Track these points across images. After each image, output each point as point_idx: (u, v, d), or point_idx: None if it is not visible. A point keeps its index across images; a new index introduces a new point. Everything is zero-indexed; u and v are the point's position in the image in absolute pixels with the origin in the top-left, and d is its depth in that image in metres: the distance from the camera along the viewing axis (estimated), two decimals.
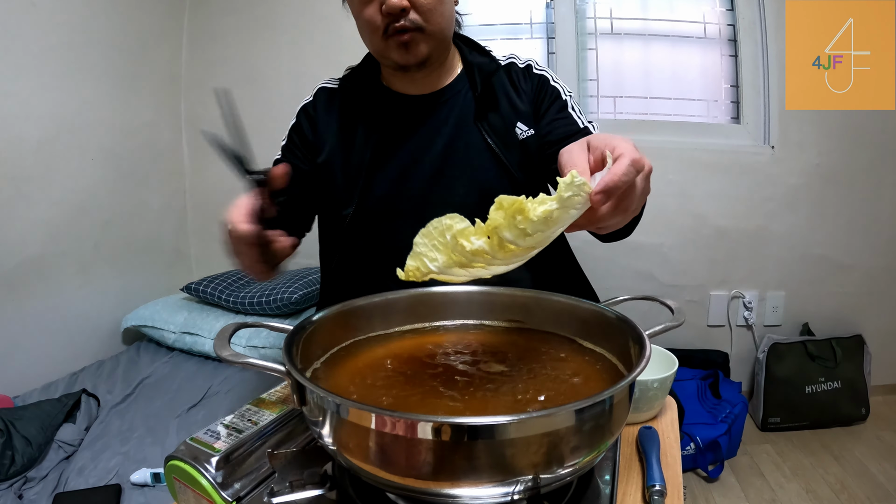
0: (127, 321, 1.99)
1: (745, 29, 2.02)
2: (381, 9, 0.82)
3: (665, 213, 2.06)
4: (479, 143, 0.91)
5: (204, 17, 2.23)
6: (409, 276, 0.49)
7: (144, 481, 1.21)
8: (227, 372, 1.72)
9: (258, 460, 0.54)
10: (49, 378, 1.71)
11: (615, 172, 0.47)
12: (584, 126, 0.91)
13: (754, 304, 2.13)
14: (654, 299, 0.64)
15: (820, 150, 2.02)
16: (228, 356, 0.48)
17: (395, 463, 0.41)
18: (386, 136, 0.92)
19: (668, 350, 0.76)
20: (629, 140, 0.52)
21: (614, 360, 0.58)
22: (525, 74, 0.96)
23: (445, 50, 0.93)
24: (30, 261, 1.70)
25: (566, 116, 0.92)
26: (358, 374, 0.56)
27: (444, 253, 0.48)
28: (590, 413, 0.42)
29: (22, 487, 1.23)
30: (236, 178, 0.62)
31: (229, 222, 0.63)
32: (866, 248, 2.09)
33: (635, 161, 0.48)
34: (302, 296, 1.88)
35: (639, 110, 2.14)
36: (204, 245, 2.41)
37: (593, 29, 2.09)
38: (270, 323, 0.64)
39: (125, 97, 2.00)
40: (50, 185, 1.75)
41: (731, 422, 1.79)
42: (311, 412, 0.46)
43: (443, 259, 0.48)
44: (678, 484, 0.60)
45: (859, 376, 2.03)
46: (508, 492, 0.41)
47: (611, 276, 2.01)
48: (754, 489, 1.71)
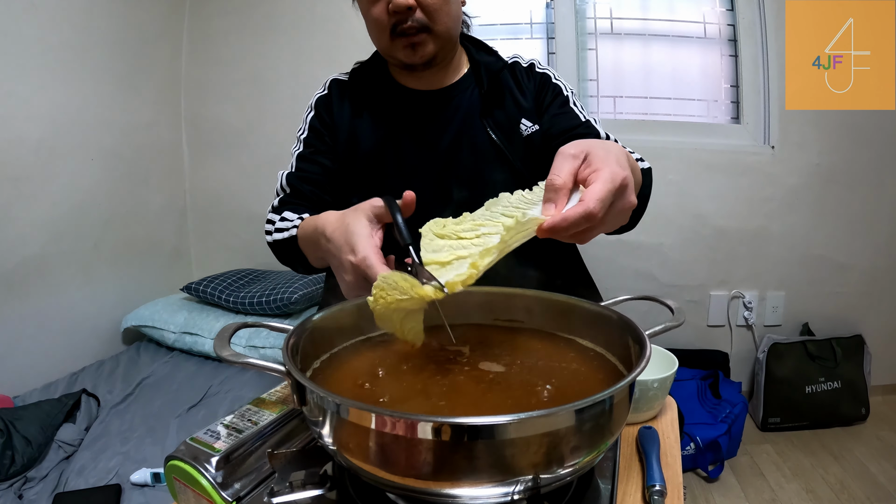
0: (127, 321, 1.99)
1: (745, 29, 2.02)
2: (388, 8, 0.83)
3: (665, 213, 2.06)
4: (483, 139, 0.92)
5: (204, 17, 2.23)
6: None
7: (144, 481, 1.21)
8: (227, 372, 1.72)
9: (258, 460, 0.54)
10: (49, 378, 1.72)
11: (577, 212, 0.48)
12: (586, 120, 0.92)
13: (754, 304, 2.13)
14: (654, 299, 0.64)
15: (820, 150, 2.02)
16: (228, 356, 0.48)
17: (395, 463, 0.41)
18: (393, 129, 0.93)
19: (668, 350, 0.76)
20: (623, 162, 0.52)
21: (614, 360, 0.58)
22: (528, 73, 0.97)
23: (452, 49, 0.94)
24: (30, 261, 1.70)
25: (568, 111, 0.93)
26: (358, 374, 0.56)
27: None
28: (590, 413, 0.41)
29: (22, 487, 1.23)
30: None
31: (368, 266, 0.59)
32: (866, 248, 2.09)
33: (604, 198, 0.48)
34: (302, 296, 1.88)
35: (639, 110, 2.14)
36: (204, 245, 2.41)
37: (593, 29, 2.10)
38: (270, 323, 0.64)
39: (125, 97, 2.00)
40: (50, 185, 1.75)
41: (731, 422, 1.79)
42: (311, 412, 0.46)
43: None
44: (678, 484, 0.60)
45: (859, 376, 2.03)
46: (508, 492, 0.41)
47: (611, 276, 2.01)
48: (754, 489, 1.71)
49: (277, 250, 0.89)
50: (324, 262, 0.76)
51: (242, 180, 2.29)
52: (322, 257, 0.74)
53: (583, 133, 0.89)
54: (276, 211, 0.90)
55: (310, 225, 0.77)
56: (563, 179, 0.51)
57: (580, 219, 0.47)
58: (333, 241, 0.66)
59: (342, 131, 0.95)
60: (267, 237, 0.90)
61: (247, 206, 2.29)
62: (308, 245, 0.79)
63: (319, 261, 0.79)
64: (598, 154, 0.53)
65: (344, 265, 0.63)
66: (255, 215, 2.26)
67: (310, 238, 0.76)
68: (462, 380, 0.54)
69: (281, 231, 0.86)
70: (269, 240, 0.89)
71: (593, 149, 0.54)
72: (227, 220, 2.35)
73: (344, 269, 0.63)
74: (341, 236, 0.64)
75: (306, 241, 0.79)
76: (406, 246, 0.58)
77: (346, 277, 0.63)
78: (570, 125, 0.90)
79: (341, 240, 0.64)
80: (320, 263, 0.81)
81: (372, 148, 0.93)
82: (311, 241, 0.76)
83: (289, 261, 0.89)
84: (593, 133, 0.89)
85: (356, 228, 0.62)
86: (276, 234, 0.86)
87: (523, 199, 0.57)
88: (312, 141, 0.96)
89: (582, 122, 0.91)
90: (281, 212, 0.89)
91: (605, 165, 0.51)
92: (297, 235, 0.82)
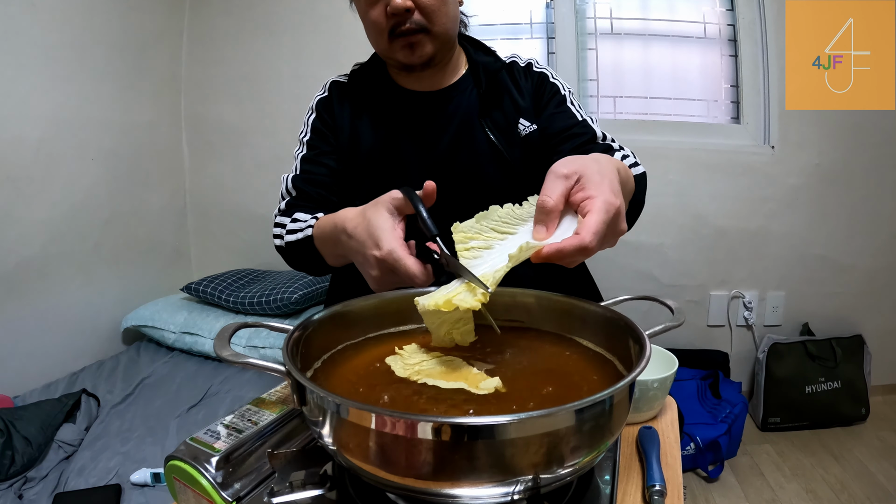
0: (127, 321, 1.99)
1: (745, 29, 2.02)
2: (386, 10, 0.83)
3: (665, 213, 2.07)
4: (482, 139, 0.92)
5: (204, 18, 2.23)
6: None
7: (144, 481, 1.21)
8: (227, 372, 1.72)
9: (258, 460, 0.54)
10: (49, 378, 1.72)
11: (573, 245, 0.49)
12: (583, 119, 0.92)
13: (754, 304, 2.13)
14: (654, 299, 0.64)
15: (820, 150, 2.02)
16: (228, 356, 0.48)
17: (395, 463, 0.41)
18: (393, 131, 0.93)
19: (668, 350, 0.76)
20: (616, 186, 0.54)
21: (614, 360, 0.58)
22: (526, 72, 0.97)
23: (450, 50, 0.94)
24: (30, 261, 1.70)
25: (565, 110, 0.93)
26: (358, 374, 0.56)
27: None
28: (590, 413, 0.42)
29: (22, 487, 1.23)
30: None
31: (396, 260, 0.59)
32: (866, 248, 2.09)
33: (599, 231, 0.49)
34: (302, 296, 1.88)
35: (639, 110, 2.14)
36: (204, 245, 2.41)
37: (593, 29, 2.10)
38: (270, 323, 0.64)
39: (125, 97, 2.00)
40: (50, 185, 1.75)
41: (731, 422, 1.79)
42: (311, 412, 0.46)
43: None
44: (678, 484, 0.60)
45: (859, 376, 2.03)
46: (508, 492, 0.41)
47: (611, 276, 2.00)
48: (754, 489, 1.71)
49: (290, 252, 0.87)
50: (343, 259, 0.76)
51: (243, 180, 2.29)
52: (342, 255, 0.73)
53: (579, 132, 0.89)
54: (285, 214, 0.89)
55: (327, 223, 0.76)
56: (553, 201, 0.52)
57: (575, 251, 0.49)
58: (356, 236, 0.65)
59: (343, 133, 0.95)
60: (276, 241, 0.89)
61: (247, 206, 2.29)
62: (326, 243, 0.78)
63: (339, 258, 0.78)
64: (593, 178, 0.53)
65: (369, 260, 0.62)
66: (255, 215, 2.27)
67: (328, 236, 0.76)
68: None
69: (294, 233, 0.84)
70: (280, 243, 0.88)
71: (587, 170, 0.54)
72: (227, 220, 2.35)
73: (370, 264, 0.62)
74: (364, 231, 0.63)
75: (324, 239, 0.78)
76: (433, 237, 0.58)
77: (372, 272, 0.63)
78: (566, 124, 0.91)
79: (364, 235, 0.63)
80: (339, 261, 0.80)
81: (372, 149, 0.93)
82: (329, 239, 0.76)
83: (302, 263, 0.88)
84: (589, 132, 0.89)
85: (379, 222, 0.61)
86: (289, 237, 0.85)
87: (513, 214, 0.58)
88: (315, 143, 0.95)
89: (578, 121, 0.92)
90: (290, 214, 0.88)
91: (600, 193, 0.52)
92: (312, 235, 0.81)
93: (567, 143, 0.89)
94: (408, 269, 0.58)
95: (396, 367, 0.54)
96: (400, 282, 0.61)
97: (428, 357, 0.57)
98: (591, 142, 0.88)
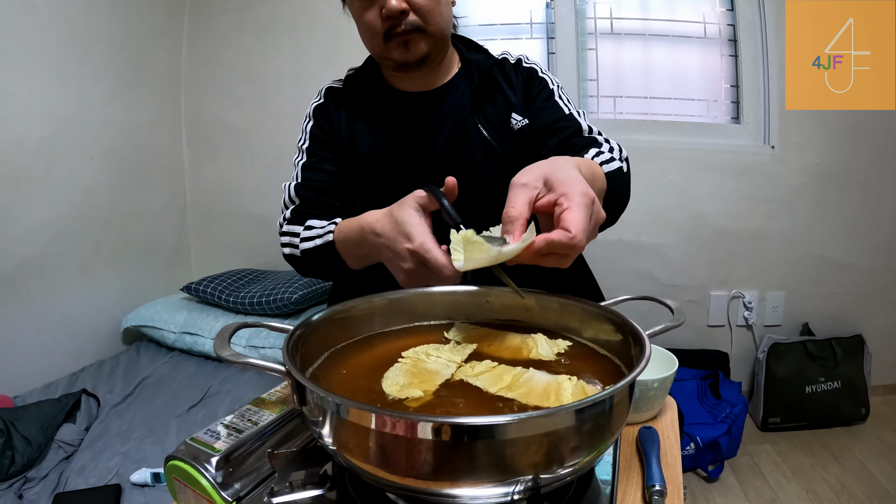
0: (127, 321, 1.99)
1: (745, 29, 2.02)
2: (382, 12, 0.83)
3: (665, 213, 2.06)
4: (476, 136, 0.93)
5: (204, 17, 2.23)
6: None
7: (144, 481, 1.21)
8: (227, 372, 1.72)
9: (258, 460, 0.54)
10: (49, 378, 1.72)
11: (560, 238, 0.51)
12: (570, 113, 0.93)
13: (754, 304, 2.13)
14: (654, 299, 0.64)
15: (820, 150, 2.02)
16: (228, 356, 0.47)
17: (395, 463, 0.41)
18: (390, 132, 0.94)
19: (668, 350, 0.76)
20: (581, 181, 0.55)
21: (614, 360, 0.58)
22: (516, 68, 0.98)
23: (444, 49, 0.95)
24: (30, 261, 1.70)
25: (552, 105, 0.94)
26: (358, 374, 0.56)
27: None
28: (590, 413, 0.42)
29: (22, 487, 1.23)
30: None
31: (427, 251, 0.62)
32: (866, 248, 2.09)
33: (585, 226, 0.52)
34: (302, 296, 1.88)
35: (639, 110, 2.14)
36: (204, 245, 2.41)
37: (593, 29, 2.10)
38: (270, 323, 0.64)
39: (125, 97, 2.00)
40: (50, 185, 1.75)
41: (731, 422, 1.79)
42: (311, 412, 0.46)
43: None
44: (678, 484, 0.60)
45: (859, 376, 2.03)
46: (508, 492, 0.41)
47: (611, 276, 2.00)
48: (754, 489, 1.71)
49: (307, 260, 0.87)
50: (367, 259, 0.78)
51: (242, 180, 2.29)
52: (367, 255, 0.76)
53: (564, 126, 0.90)
54: (293, 222, 0.89)
55: (352, 226, 0.77)
56: (518, 210, 0.54)
57: (563, 245, 0.51)
58: (384, 234, 0.68)
59: (341, 137, 0.96)
60: (287, 250, 0.88)
61: (247, 206, 2.29)
62: (350, 246, 0.79)
63: (362, 259, 0.79)
64: (559, 177, 0.55)
65: (401, 254, 0.65)
66: (255, 215, 2.27)
67: (353, 238, 0.77)
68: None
69: (310, 239, 0.84)
70: (294, 252, 0.87)
71: (551, 172, 0.56)
72: (227, 220, 2.35)
73: (401, 257, 0.65)
74: (392, 229, 0.66)
75: (347, 242, 0.79)
76: (457, 225, 0.62)
77: (403, 266, 0.66)
78: (553, 118, 0.91)
79: (393, 232, 0.66)
80: (362, 263, 0.81)
81: (370, 152, 0.93)
82: (354, 242, 0.77)
83: (319, 269, 0.88)
84: (574, 126, 0.90)
85: (407, 218, 0.65)
86: (305, 244, 0.85)
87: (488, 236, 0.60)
88: (315, 149, 0.96)
89: (565, 115, 0.92)
90: (300, 222, 0.88)
91: (571, 188, 0.54)
92: (333, 240, 0.81)
93: (553, 137, 0.90)
94: (437, 260, 0.61)
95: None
96: (429, 275, 0.63)
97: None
98: (576, 135, 0.89)
